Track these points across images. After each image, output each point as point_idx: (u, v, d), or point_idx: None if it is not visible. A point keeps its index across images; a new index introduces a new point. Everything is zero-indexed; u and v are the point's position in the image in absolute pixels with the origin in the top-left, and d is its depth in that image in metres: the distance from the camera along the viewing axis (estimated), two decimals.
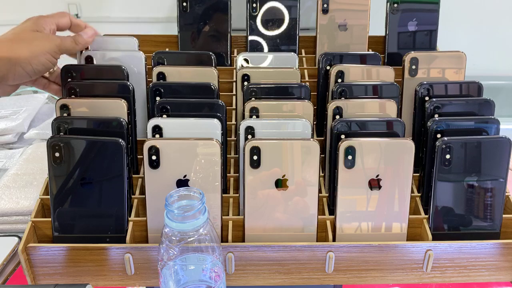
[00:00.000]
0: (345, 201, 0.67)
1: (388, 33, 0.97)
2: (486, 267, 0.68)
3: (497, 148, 0.66)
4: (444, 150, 0.66)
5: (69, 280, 0.68)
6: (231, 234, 0.68)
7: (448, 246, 0.67)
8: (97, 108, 0.71)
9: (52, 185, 0.67)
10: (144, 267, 0.67)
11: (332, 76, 0.80)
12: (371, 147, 0.66)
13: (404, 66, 0.82)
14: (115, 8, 1.73)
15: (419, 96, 0.76)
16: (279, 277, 0.68)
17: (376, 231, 0.68)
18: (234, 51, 1.00)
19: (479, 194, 0.68)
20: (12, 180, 0.85)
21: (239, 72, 0.80)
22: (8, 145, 1.01)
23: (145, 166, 0.65)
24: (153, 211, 0.67)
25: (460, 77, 0.82)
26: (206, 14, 0.97)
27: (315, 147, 0.65)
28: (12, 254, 0.74)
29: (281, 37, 0.98)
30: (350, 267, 0.68)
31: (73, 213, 0.67)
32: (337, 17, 0.96)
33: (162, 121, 0.69)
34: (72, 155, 0.66)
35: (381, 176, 0.66)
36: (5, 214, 0.78)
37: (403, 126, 0.69)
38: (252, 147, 0.65)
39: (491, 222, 0.69)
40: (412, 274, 0.68)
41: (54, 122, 0.69)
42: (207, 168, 0.65)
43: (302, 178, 0.66)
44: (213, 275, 0.58)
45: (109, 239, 0.68)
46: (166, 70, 0.80)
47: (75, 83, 0.76)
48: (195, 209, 0.55)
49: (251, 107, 0.72)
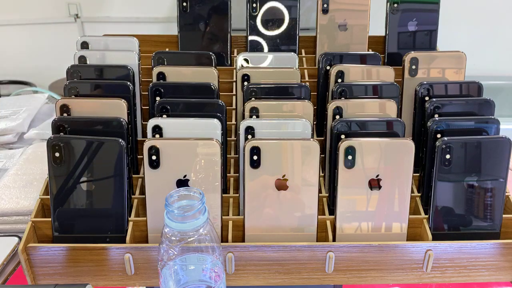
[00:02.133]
0: (345, 201, 0.67)
1: (388, 33, 0.97)
2: (486, 267, 0.68)
3: (497, 148, 0.66)
4: (444, 150, 0.66)
5: (69, 280, 0.68)
6: (231, 234, 0.68)
7: (448, 246, 0.67)
8: (97, 108, 0.71)
9: (52, 185, 0.67)
10: (144, 267, 0.67)
11: (332, 76, 0.80)
12: (371, 147, 0.66)
13: (404, 66, 0.82)
14: (115, 8, 1.73)
15: (419, 96, 0.76)
16: (279, 277, 0.68)
17: (376, 231, 0.68)
18: (234, 51, 1.00)
19: (479, 194, 0.68)
20: (12, 180, 0.85)
21: (239, 72, 0.80)
22: (8, 145, 1.01)
23: (145, 166, 0.65)
24: (153, 211, 0.67)
25: (460, 77, 0.82)
26: (206, 14, 0.97)
27: (315, 147, 0.65)
28: (12, 254, 0.73)
29: (281, 37, 0.98)
30: (350, 267, 0.68)
31: (73, 213, 0.67)
32: (337, 17, 0.96)
33: (162, 121, 0.69)
34: (72, 155, 0.66)
35: (381, 176, 0.66)
36: (5, 214, 0.78)
37: (403, 126, 0.69)
38: (252, 147, 0.65)
39: (491, 222, 0.69)
40: (412, 274, 0.68)
41: (54, 122, 0.69)
42: (207, 168, 0.65)
43: (302, 178, 0.66)
44: (213, 275, 0.58)
45: (109, 239, 0.68)
46: (166, 70, 0.80)
47: (75, 83, 0.76)
48: (195, 209, 0.55)
49: (251, 107, 0.72)
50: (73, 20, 1.74)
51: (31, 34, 1.76)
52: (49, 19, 1.72)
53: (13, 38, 1.78)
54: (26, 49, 1.80)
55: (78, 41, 0.86)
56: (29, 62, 1.80)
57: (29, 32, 1.76)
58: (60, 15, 1.72)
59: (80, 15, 1.74)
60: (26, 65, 1.79)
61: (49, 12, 1.73)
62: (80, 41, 0.86)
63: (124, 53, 0.82)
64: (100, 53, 0.82)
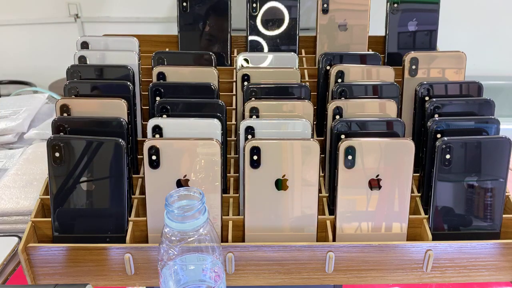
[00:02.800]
0: (345, 201, 0.67)
1: (388, 33, 0.97)
2: (486, 267, 0.68)
3: (497, 148, 0.66)
4: (444, 150, 0.66)
5: (69, 280, 0.68)
6: (231, 234, 0.68)
7: (448, 246, 0.67)
8: (97, 108, 0.71)
9: (52, 185, 0.67)
10: (144, 267, 0.67)
11: (332, 76, 0.80)
12: (371, 147, 0.66)
13: (404, 66, 0.82)
14: (115, 8, 1.73)
15: (419, 96, 0.76)
16: (279, 277, 0.68)
17: (376, 231, 0.68)
18: (234, 51, 1.00)
19: (479, 194, 0.68)
20: (12, 180, 0.85)
21: (239, 72, 0.80)
22: (8, 145, 1.01)
23: (145, 166, 0.65)
24: (153, 211, 0.67)
25: (460, 77, 0.82)
26: (206, 14, 0.97)
27: (315, 147, 0.65)
28: (12, 254, 0.73)
29: (281, 37, 0.98)
30: (350, 267, 0.68)
31: (73, 213, 0.67)
32: (337, 17, 0.96)
33: (162, 121, 0.69)
34: (72, 155, 0.66)
35: (381, 176, 0.66)
36: (5, 214, 0.78)
37: (403, 126, 0.69)
38: (252, 147, 0.65)
39: (491, 222, 0.69)
40: (412, 274, 0.68)
41: (54, 122, 0.69)
42: (207, 168, 0.65)
43: (302, 178, 0.66)
44: (213, 275, 0.58)
45: (109, 239, 0.68)
46: (166, 70, 0.80)
47: (75, 83, 0.76)
48: (195, 209, 0.55)
49: (251, 107, 0.72)
50: (73, 20, 1.74)
51: (31, 34, 1.76)
52: (49, 19, 1.73)
53: (13, 38, 1.78)
54: (26, 49, 1.80)
55: (78, 41, 0.86)
56: (29, 62, 1.80)
57: (29, 32, 1.76)
58: (60, 15, 1.72)
59: (80, 15, 1.74)
60: (26, 65, 1.79)
61: (49, 12, 1.73)
62: (80, 41, 0.86)
63: (124, 53, 0.82)
64: (100, 53, 0.82)
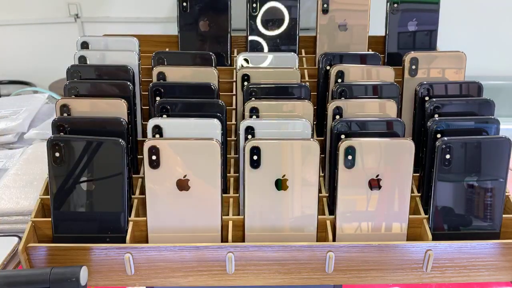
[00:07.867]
0: (345, 201, 0.67)
1: (388, 33, 0.97)
2: (486, 267, 0.68)
3: (497, 148, 0.66)
4: (444, 150, 0.66)
5: None
6: (231, 234, 0.68)
7: (448, 246, 0.67)
8: (97, 108, 0.71)
9: (52, 185, 0.67)
10: (144, 267, 0.67)
11: (332, 76, 0.80)
12: (371, 147, 0.66)
13: (404, 66, 0.82)
14: (115, 8, 1.73)
15: (419, 96, 0.76)
16: (279, 277, 0.68)
17: (376, 231, 0.68)
18: (234, 51, 1.00)
19: (479, 194, 0.68)
20: (12, 180, 0.85)
21: (239, 72, 0.80)
22: (8, 145, 1.01)
23: (145, 166, 0.65)
24: (153, 211, 0.67)
25: (460, 77, 0.82)
26: (206, 14, 0.97)
27: (315, 147, 0.65)
28: (12, 254, 0.73)
29: (281, 37, 0.98)
30: (350, 267, 0.68)
31: (73, 213, 0.67)
32: (337, 17, 0.96)
33: (162, 121, 0.69)
34: (72, 155, 0.66)
35: (381, 176, 0.66)
36: (5, 214, 0.78)
37: (403, 126, 0.69)
38: (252, 147, 0.65)
39: (491, 222, 0.69)
40: (412, 274, 0.68)
41: (54, 122, 0.69)
42: (207, 168, 0.65)
43: (302, 178, 0.66)
44: None
45: (109, 239, 0.68)
46: (166, 70, 0.80)
47: (75, 83, 0.76)
48: None
49: (251, 107, 0.72)
50: (73, 20, 1.74)
51: (31, 34, 1.77)
52: (49, 19, 1.73)
53: (13, 38, 1.78)
54: (26, 49, 1.80)
55: (78, 41, 0.86)
56: (29, 62, 1.80)
57: (29, 32, 1.76)
58: (60, 15, 1.72)
59: (80, 15, 1.74)
60: (26, 65, 1.80)
61: (49, 12, 1.73)
62: (80, 41, 0.86)
63: (124, 53, 0.82)
64: (100, 53, 0.82)
